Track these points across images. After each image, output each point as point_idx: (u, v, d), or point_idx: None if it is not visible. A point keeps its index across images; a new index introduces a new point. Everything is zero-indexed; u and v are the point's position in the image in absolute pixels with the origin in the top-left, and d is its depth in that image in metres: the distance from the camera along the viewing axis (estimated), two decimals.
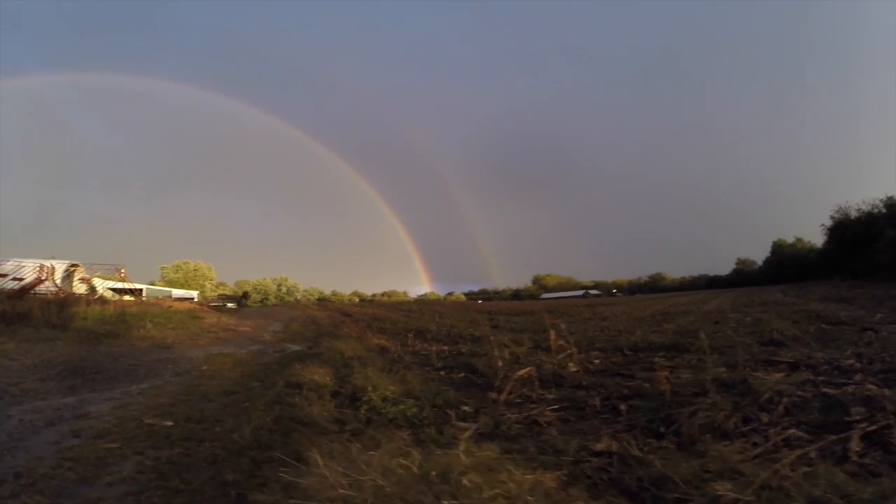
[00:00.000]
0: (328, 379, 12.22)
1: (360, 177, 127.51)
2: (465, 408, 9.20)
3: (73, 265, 42.79)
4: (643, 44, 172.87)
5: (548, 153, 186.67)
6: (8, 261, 41.05)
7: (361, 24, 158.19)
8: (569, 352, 13.02)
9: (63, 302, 31.40)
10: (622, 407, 8.21)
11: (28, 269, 38.48)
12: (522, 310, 51.59)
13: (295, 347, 22.17)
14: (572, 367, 12.14)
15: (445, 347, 18.47)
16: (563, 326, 15.82)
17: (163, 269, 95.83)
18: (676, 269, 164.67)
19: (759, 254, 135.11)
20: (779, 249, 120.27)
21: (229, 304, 59.48)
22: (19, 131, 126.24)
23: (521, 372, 10.51)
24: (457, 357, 16.01)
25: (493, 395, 10.10)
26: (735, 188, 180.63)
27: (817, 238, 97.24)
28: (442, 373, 13.53)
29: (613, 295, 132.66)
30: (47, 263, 39.58)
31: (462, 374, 12.99)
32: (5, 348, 18.17)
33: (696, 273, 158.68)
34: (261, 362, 17.68)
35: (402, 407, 8.94)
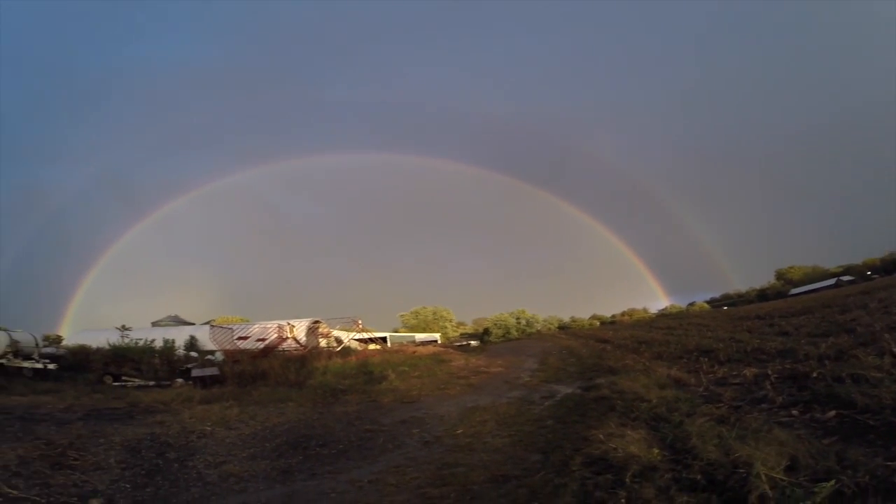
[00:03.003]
0: (654, 450, 7.43)
1: (568, 203, 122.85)
2: None
3: (314, 321, 42.87)
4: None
5: (751, 141, 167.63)
6: (254, 324, 42.29)
7: (530, 56, 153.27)
8: None
9: (304, 357, 30.01)
10: None
11: (270, 330, 38.57)
12: (790, 310, 43.01)
13: (565, 389, 17.73)
14: None
15: (767, 371, 13.25)
16: None
17: (402, 316, 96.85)
18: None
19: None
20: None
21: (472, 343, 57.08)
22: (241, 219, 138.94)
23: None
24: (796, 382, 11.33)
25: None
26: None
27: None
28: (794, 412, 9.13)
29: (870, 278, 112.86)
30: (288, 322, 39.48)
31: (832, 412, 8.46)
32: (227, 415, 15.73)
33: None
34: (531, 417, 13.51)
35: None
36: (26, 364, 25.94)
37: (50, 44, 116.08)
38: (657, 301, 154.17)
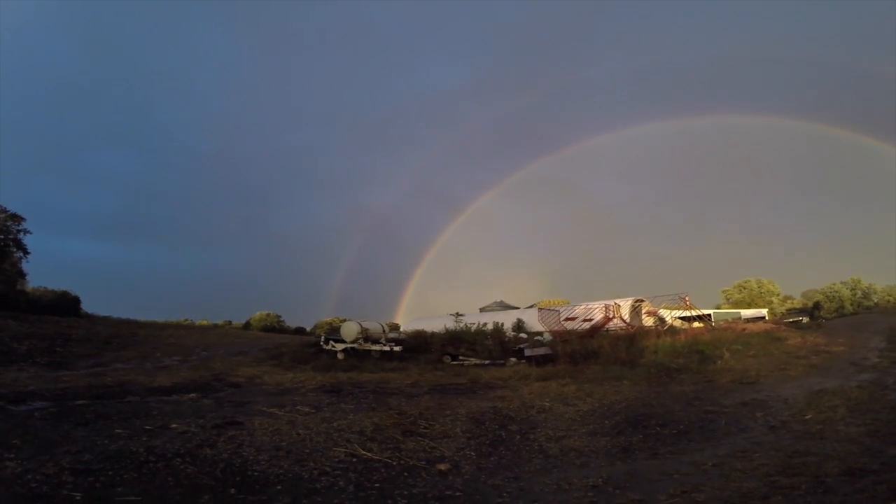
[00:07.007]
0: None
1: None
2: None
3: (637, 300, 42.42)
4: None
5: None
6: (578, 305, 43.34)
7: None
8: None
9: (632, 336, 29.97)
10: None
11: (596, 310, 39.44)
12: None
13: None
14: None
15: None
16: None
17: (724, 291, 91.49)
18: None
19: None
20: None
21: (803, 319, 52.32)
22: (548, 205, 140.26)
23: None
24: None
25: None
26: None
27: None
28: None
29: None
30: (612, 302, 40.11)
31: None
32: (564, 391, 16.36)
33: None
34: (887, 404, 12.37)
35: None
36: (374, 347, 29.25)
37: (354, 97, 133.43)
38: None
